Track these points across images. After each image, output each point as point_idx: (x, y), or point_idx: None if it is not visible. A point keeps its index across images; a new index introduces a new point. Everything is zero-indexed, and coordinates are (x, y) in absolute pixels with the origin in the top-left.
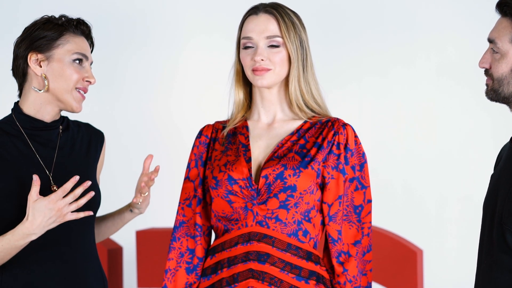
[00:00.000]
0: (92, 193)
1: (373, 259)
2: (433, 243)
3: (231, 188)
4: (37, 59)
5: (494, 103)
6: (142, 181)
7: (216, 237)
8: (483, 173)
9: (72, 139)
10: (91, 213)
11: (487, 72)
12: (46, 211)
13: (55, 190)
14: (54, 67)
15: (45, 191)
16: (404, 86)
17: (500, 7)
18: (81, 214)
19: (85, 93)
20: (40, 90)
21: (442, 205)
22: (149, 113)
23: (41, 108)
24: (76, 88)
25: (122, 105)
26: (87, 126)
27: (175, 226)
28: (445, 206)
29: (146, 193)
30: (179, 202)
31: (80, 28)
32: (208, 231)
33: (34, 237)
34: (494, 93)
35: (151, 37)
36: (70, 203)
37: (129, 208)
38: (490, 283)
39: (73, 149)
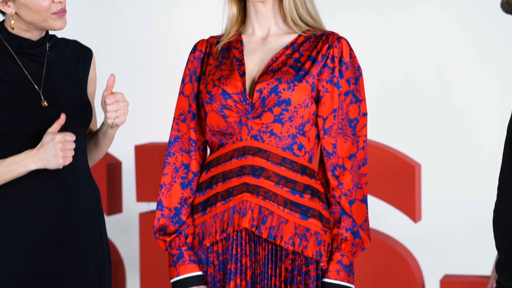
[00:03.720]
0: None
1: (371, 174)
2: (431, 157)
3: (226, 102)
4: (4, 0)
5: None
6: (104, 97)
7: (211, 152)
8: (484, 89)
9: (60, 55)
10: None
11: None
12: (49, 144)
13: (45, 106)
14: (21, 3)
15: (35, 107)
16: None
17: None
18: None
19: (62, 13)
20: (12, 29)
21: (442, 119)
22: (149, 29)
23: (26, 30)
24: (51, 14)
25: (123, 19)
26: (75, 43)
27: (169, 142)
28: (444, 120)
29: (113, 107)
30: (174, 118)
31: None
32: (203, 146)
33: (33, 166)
34: (510, 6)
35: None
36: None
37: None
38: None
39: (61, 64)
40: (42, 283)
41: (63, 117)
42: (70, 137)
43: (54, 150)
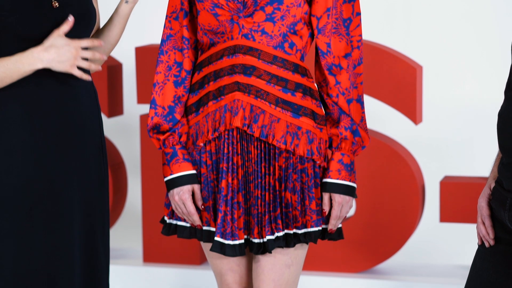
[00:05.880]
0: (101, 43)
1: (373, 77)
2: (433, 59)
3: (217, 1)
4: None
5: None
6: None
7: (202, 53)
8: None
9: None
10: (90, 78)
11: None
12: (64, 48)
13: (56, 7)
14: None
15: (47, 8)
16: None
17: None
18: (85, 76)
19: None
20: None
21: (443, 20)
22: None
23: None
24: None
25: None
26: None
27: (162, 40)
28: (445, 22)
29: None
30: (166, 16)
31: None
32: (195, 45)
33: (39, 66)
34: None
35: None
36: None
37: (124, 0)
38: None
39: None
40: (45, 185)
41: (71, 19)
42: (86, 44)
43: (68, 55)
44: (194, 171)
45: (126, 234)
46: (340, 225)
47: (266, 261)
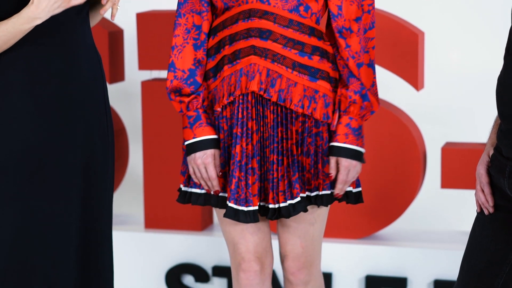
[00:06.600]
0: None
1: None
2: (435, 25)
3: None
4: None
5: None
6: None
7: (217, 17)
8: None
9: None
10: None
11: None
12: None
13: None
14: None
15: None
16: None
17: None
18: None
19: None
20: None
21: None
22: None
23: None
24: None
25: None
26: None
27: (179, 3)
28: None
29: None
30: None
31: None
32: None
33: (38, 21)
34: None
35: None
36: None
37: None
38: None
39: None
40: (46, 151)
41: None
42: None
43: (55, 3)
44: (216, 136)
45: (127, 200)
46: (359, 189)
47: (291, 220)
